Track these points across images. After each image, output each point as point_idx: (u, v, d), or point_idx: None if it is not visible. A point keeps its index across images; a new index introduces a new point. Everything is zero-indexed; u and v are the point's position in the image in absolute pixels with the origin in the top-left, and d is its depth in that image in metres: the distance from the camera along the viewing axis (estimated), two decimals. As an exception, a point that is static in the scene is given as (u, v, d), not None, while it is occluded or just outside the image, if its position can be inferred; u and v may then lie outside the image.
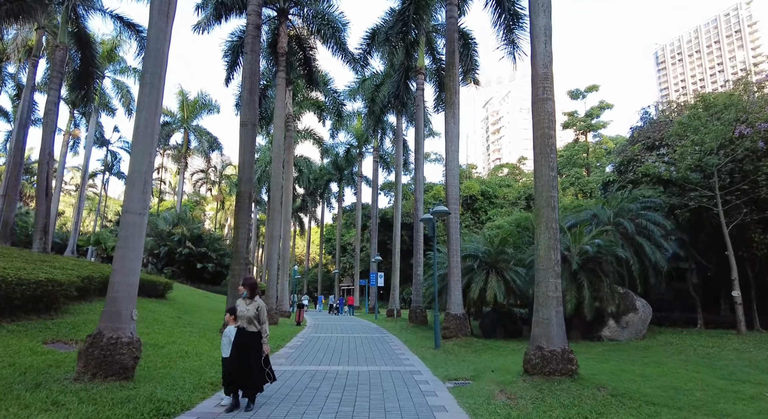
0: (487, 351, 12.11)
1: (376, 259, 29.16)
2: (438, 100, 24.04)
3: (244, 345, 5.60)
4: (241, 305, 5.80)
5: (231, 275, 13.10)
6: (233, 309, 5.93)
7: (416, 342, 14.23)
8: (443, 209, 12.25)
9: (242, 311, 5.71)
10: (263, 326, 5.75)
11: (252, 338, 5.66)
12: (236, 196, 13.53)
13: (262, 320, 5.74)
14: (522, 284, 14.26)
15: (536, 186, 7.43)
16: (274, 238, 19.56)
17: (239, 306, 5.80)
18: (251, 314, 5.68)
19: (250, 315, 5.67)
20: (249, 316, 5.66)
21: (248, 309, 5.71)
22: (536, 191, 7.42)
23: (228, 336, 5.87)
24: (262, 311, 5.76)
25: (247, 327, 5.66)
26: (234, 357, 5.59)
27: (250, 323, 5.66)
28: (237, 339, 5.66)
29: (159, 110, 7.31)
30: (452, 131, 14.28)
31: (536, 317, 7.06)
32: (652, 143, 18.87)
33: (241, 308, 5.75)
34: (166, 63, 7.53)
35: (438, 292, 17.89)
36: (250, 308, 5.72)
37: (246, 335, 5.65)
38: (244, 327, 5.66)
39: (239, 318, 5.70)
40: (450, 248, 13.71)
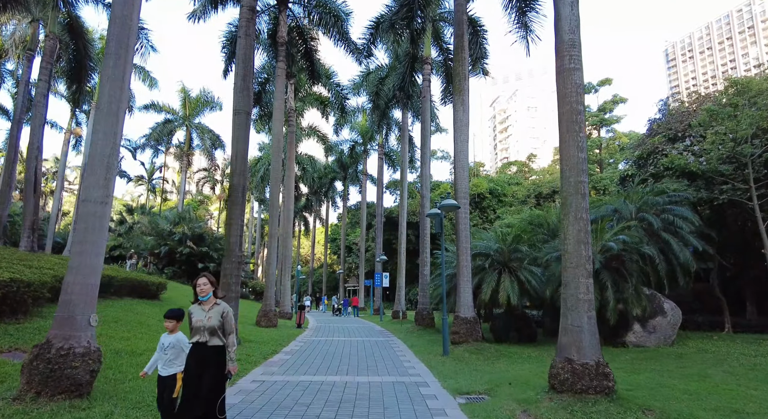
0: (501, 358, 11.06)
1: (381, 258, 28.15)
2: (445, 92, 22.99)
3: (201, 364, 4.12)
4: (197, 312, 4.26)
5: (223, 275, 12.15)
6: (179, 313, 4.50)
7: (423, 347, 13.21)
8: (452, 203, 11.21)
9: (200, 319, 4.20)
10: (229, 338, 4.26)
11: (213, 355, 4.17)
12: (229, 189, 12.58)
13: (228, 330, 4.27)
14: (537, 285, 13.17)
15: (563, 170, 6.38)
16: (273, 236, 18.61)
17: (194, 313, 4.27)
18: (214, 323, 4.18)
19: (213, 325, 4.17)
20: (211, 326, 4.16)
21: (209, 317, 4.19)
22: (563, 177, 6.37)
23: (162, 349, 4.42)
24: (227, 318, 4.28)
25: (209, 341, 4.17)
26: (185, 381, 4.20)
27: (213, 335, 4.18)
28: (192, 356, 4.20)
29: (126, 85, 6.34)
30: (461, 119, 13.24)
31: (564, 323, 6.00)
32: (675, 135, 17.70)
33: (197, 316, 4.23)
34: (134, 32, 6.57)
35: (446, 293, 16.86)
36: (212, 315, 4.20)
37: (205, 350, 4.16)
38: (204, 341, 4.15)
39: (196, 329, 4.21)
40: (459, 245, 12.67)
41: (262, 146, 47.43)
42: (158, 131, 40.65)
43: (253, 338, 13.77)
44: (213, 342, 4.20)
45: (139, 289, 15.77)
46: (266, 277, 18.58)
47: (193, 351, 4.23)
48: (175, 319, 4.52)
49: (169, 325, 4.48)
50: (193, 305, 4.37)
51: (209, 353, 4.17)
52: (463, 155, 13.08)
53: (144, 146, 43.53)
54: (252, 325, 18.03)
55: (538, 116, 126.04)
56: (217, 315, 4.24)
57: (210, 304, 4.29)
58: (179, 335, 4.51)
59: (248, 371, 8.98)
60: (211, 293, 4.31)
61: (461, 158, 13.07)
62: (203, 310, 4.27)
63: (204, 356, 4.15)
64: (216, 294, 4.36)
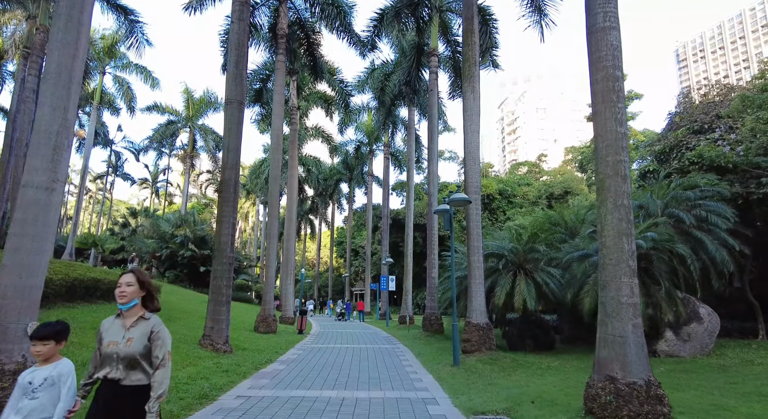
0: (518, 369, 9.94)
1: (387, 261, 27.09)
2: (454, 86, 21.97)
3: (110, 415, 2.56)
4: (111, 330, 2.73)
5: (213, 277, 11.19)
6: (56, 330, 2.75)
7: (431, 356, 12.12)
8: (462, 197, 10.16)
9: (113, 342, 2.66)
10: (158, 373, 2.63)
11: (129, 401, 2.57)
12: (219, 184, 11.65)
13: (160, 360, 2.66)
14: (556, 288, 12.03)
15: (598, 149, 5.32)
16: (272, 237, 17.66)
17: (106, 332, 2.73)
18: (135, 349, 2.62)
19: (133, 353, 2.62)
20: (130, 354, 2.61)
21: (128, 338, 2.65)
22: (598, 156, 5.32)
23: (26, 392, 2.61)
24: (158, 341, 2.70)
25: (125, 378, 2.59)
26: None
27: (131, 368, 2.61)
28: (97, 402, 2.62)
29: (79, 53, 5.40)
30: (472, 107, 12.21)
31: (603, 333, 4.92)
32: (700, 127, 16.50)
33: (110, 336, 2.69)
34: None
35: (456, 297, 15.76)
36: (134, 336, 2.66)
37: (117, 392, 2.58)
38: (116, 378, 2.59)
39: (106, 357, 2.64)
40: (470, 245, 11.60)
41: (267, 148, 46.64)
42: (161, 132, 40.09)
43: (248, 345, 12.78)
44: (131, 379, 2.59)
45: (129, 293, 14.88)
46: (265, 280, 17.62)
47: (98, 394, 2.63)
48: (51, 340, 2.69)
49: (40, 351, 2.67)
50: (108, 320, 2.81)
51: (124, 398, 2.56)
52: (473, 146, 12.04)
53: (147, 148, 43.04)
54: (250, 331, 17.07)
55: (548, 117, 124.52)
56: (142, 336, 2.65)
57: (133, 317, 2.72)
58: (62, 364, 2.73)
59: (234, 384, 7.99)
60: (138, 301, 2.76)
61: (472, 150, 12.03)
62: (122, 327, 2.70)
63: (115, 403, 2.56)
64: (147, 303, 2.83)
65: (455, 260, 16.49)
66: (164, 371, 2.65)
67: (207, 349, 10.51)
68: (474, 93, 12.34)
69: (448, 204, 10.65)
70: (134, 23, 19.01)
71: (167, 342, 2.75)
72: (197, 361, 9.24)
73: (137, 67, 33.70)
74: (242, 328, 17.41)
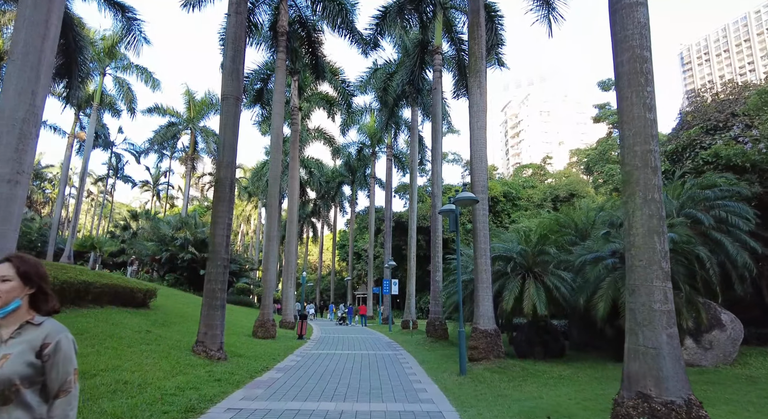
0: (528, 378, 9.35)
1: (389, 264, 26.52)
2: (458, 85, 21.46)
3: None
4: None
5: (207, 280, 10.68)
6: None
7: (436, 364, 11.54)
8: (469, 196, 9.61)
9: None
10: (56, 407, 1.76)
11: None
12: (215, 184, 11.16)
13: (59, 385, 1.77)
14: (567, 292, 11.46)
15: (624, 137, 4.78)
16: (272, 239, 17.15)
17: None
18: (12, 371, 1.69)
19: (10, 376, 1.68)
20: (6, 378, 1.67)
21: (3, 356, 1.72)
22: (624, 146, 4.77)
23: None
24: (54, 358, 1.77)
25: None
26: None
27: (6, 401, 1.66)
28: None
29: (50, 34, 4.91)
30: (478, 103, 11.69)
31: (632, 344, 4.36)
32: (714, 125, 15.91)
33: None
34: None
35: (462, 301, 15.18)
36: (12, 353, 1.73)
37: None
38: None
39: None
40: (477, 247, 11.04)
41: (268, 150, 46.29)
42: (161, 134, 39.74)
43: (245, 351, 12.24)
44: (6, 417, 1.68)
45: (123, 296, 14.36)
46: (264, 283, 17.09)
47: None
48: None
49: None
50: None
51: None
52: (479, 144, 11.50)
53: (148, 150, 42.70)
54: (248, 336, 16.53)
55: (551, 120, 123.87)
56: (27, 351, 1.75)
57: (14, 325, 1.81)
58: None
59: (226, 394, 7.45)
60: (20, 302, 1.81)
61: (478, 147, 11.50)
62: None
63: None
64: (39, 304, 1.86)
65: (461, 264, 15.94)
66: (66, 402, 1.77)
67: (200, 356, 9.98)
68: (480, 89, 11.83)
69: (453, 204, 10.11)
70: (132, 21, 18.60)
71: (70, 356, 1.80)
72: (188, 369, 8.70)
73: (138, 68, 33.40)
74: (240, 333, 16.88)
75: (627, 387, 4.23)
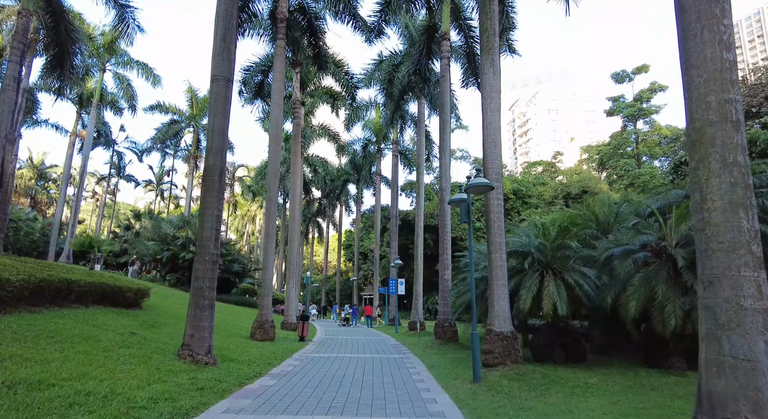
0: (552, 387, 8.30)
1: (396, 263, 25.51)
2: (467, 73, 20.45)
3: None
4: None
5: (194, 277, 9.74)
6: None
7: (446, 369, 10.52)
8: (482, 182, 8.59)
9: None
10: None
11: None
12: (203, 171, 10.24)
13: None
14: (591, 290, 10.37)
15: (691, 85, 3.74)
16: (270, 236, 16.23)
17: None
18: None
19: None
20: None
21: None
22: (690, 97, 3.74)
23: None
24: None
25: None
26: None
27: None
28: None
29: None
30: (491, 83, 10.67)
31: (712, 353, 3.34)
32: (747, 110, 14.74)
33: None
34: None
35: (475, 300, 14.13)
36: None
37: None
38: None
39: None
40: (491, 241, 10.01)
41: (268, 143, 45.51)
42: (164, 132, 39.10)
43: (237, 355, 11.29)
44: None
45: (111, 296, 13.49)
46: (262, 282, 16.17)
47: None
48: None
49: None
50: None
51: None
52: (493, 128, 10.48)
53: (150, 149, 42.08)
54: (246, 338, 15.61)
55: (559, 118, 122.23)
56: None
57: None
58: None
59: (207, 406, 6.49)
60: None
61: (492, 131, 10.47)
62: None
63: None
64: None
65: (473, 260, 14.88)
66: None
67: (185, 361, 9.04)
68: (494, 67, 10.80)
69: (465, 192, 9.08)
70: (125, 8, 17.80)
71: None
72: (168, 376, 7.75)
73: (138, 63, 32.75)
74: (238, 335, 15.98)
75: (708, 412, 3.18)
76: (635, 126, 32.99)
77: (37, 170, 51.98)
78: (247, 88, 25.05)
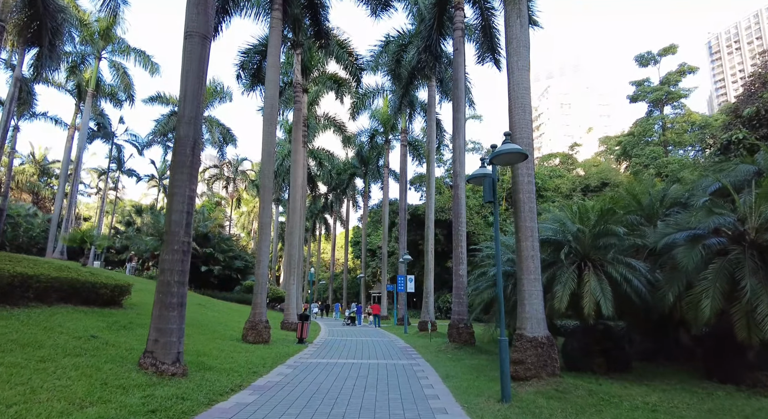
0: (606, 409, 6.49)
1: (404, 258, 23.76)
2: (482, 48, 18.55)
3: None
4: None
5: (160, 270, 8.09)
6: None
7: (465, 381, 8.74)
8: (513, 148, 6.78)
9: None
10: None
11: None
12: (174, 144, 8.57)
13: None
14: (642, 286, 8.52)
15: None
16: (264, 226, 14.57)
17: None
18: None
19: None
20: None
21: None
22: None
23: None
24: None
25: None
26: None
27: None
28: None
29: None
30: (518, 37, 8.84)
31: None
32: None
33: None
34: None
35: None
36: None
37: None
38: None
39: None
40: (520, 226, 8.21)
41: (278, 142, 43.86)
42: (164, 123, 37.69)
43: (219, 362, 9.61)
44: None
45: (83, 293, 11.93)
46: (256, 278, 14.53)
47: None
48: None
49: None
50: None
51: None
52: (521, 88, 8.65)
53: (151, 142, 40.73)
54: (236, 340, 13.97)
55: (573, 112, 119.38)
56: None
57: None
58: None
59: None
60: None
61: (520, 93, 8.65)
62: None
63: None
64: None
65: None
66: None
67: (147, 372, 7.38)
68: (521, 19, 8.98)
69: (490, 164, 7.29)
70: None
71: None
72: (114, 395, 6.08)
73: (135, 51, 31.32)
74: (228, 337, 14.34)
75: None
76: (662, 112, 30.64)
77: (40, 165, 51.03)
78: (245, 73, 23.42)
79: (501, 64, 18.45)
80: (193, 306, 22.00)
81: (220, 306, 25.16)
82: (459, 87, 16.02)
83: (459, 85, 16.06)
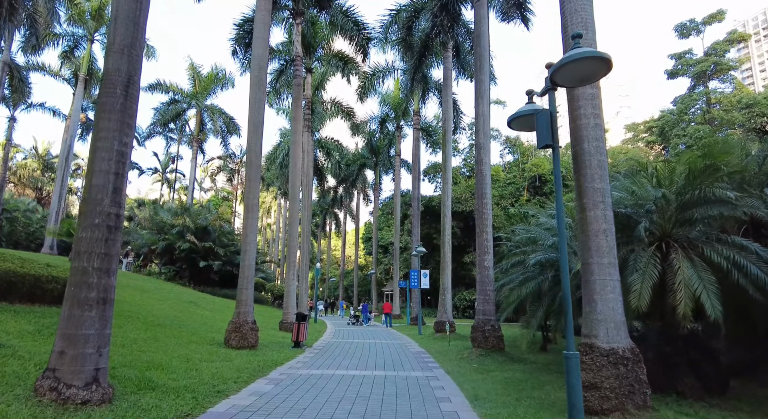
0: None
1: (418, 251, 21.28)
2: (508, 2, 15.94)
3: None
4: None
5: (75, 252, 5.78)
6: None
7: (502, 406, 6.23)
8: (591, 52, 4.26)
9: None
10: None
11: None
12: (101, 82, 6.23)
13: None
14: (764, 276, 5.92)
15: None
16: (250, 208, 12.25)
17: None
18: None
19: None
20: None
21: None
22: None
23: None
24: None
25: None
26: None
27: None
28: None
29: None
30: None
31: None
32: None
33: None
34: None
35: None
36: None
37: None
38: None
39: None
40: (584, 188, 5.72)
41: (284, 132, 41.66)
42: (163, 112, 35.84)
43: (173, 377, 7.23)
44: None
45: (23, 288, 9.77)
46: (241, 270, 12.24)
47: None
48: None
49: None
50: None
51: None
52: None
53: (152, 133, 38.90)
54: (217, 345, 11.65)
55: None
56: None
57: None
58: None
59: None
60: None
61: (579, 5, 6.11)
62: None
63: None
64: None
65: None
66: None
67: (43, 398, 5.06)
68: None
69: (551, 81, 4.79)
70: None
71: None
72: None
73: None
74: (208, 341, 12.02)
75: None
76: (706, 86, 27.41)
77: (43, 160, 49.73)
78: (241, 48, 21.24)
79: (529, 20, 15.83)
80: (183, 304, 19.90)
81: (216, 304, 23.04)
82: (482, 44, 13.44)
83: (481, 42, 13.48)
